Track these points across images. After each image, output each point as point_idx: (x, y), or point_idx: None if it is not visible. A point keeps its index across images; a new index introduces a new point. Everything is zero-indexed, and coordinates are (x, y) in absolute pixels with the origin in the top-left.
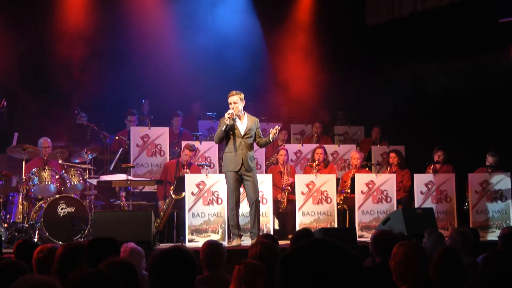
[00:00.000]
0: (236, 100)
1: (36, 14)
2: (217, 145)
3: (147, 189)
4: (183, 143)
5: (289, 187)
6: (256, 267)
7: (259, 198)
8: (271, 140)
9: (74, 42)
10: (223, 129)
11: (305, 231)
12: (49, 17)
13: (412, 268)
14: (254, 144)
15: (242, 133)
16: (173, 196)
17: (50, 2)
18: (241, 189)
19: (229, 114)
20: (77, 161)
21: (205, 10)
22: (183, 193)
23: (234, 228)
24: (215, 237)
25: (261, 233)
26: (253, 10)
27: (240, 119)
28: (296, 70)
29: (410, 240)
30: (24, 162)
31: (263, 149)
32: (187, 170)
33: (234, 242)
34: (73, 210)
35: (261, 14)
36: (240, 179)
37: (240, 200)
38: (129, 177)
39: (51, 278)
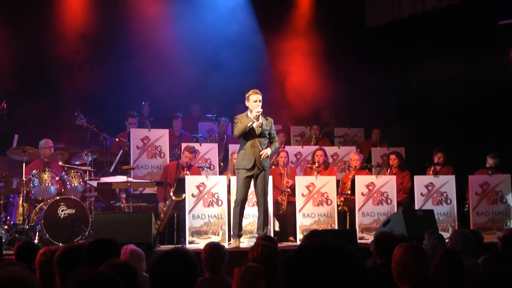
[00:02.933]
0: (260, 99)
1: (36, 16)
2: (217, 147)
3: (147, 191)
4: (183, 145)
5: (288, 189)
6: (255, 270)
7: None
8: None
9: (74, 44)
10: (248, 125)
11: (317, 233)
12: (49, 19)
13: (412, 269)
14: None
15: (257, 133)
16: (173, 197)
17: (50, 4)
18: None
19: (258, 112)
20: (77, 162)
21: (204, 12)
22: (183, 195)
23: (235, 227)
24: (215, 238)
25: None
26: (253, 12)
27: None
28: (295, 71)
29: (410, 242)
30: (24, 164)
31: None
32: (187, 172)
33: (233, 243)
34: (73, 211)
35: (261, 16)
36: (251, 178)
37: (248, 201)
38: (129, 179)
39: (31, 274)
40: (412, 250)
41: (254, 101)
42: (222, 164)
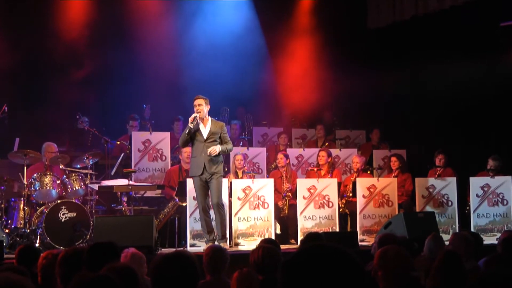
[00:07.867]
0: (201, 103)
1: (37, 18)
2: None
3: (149, 194)
4: None
5: (289, 194)
6: (250, 275)
7: (223, 203)
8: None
9: (75, 47)
10: (186, 132)
11: (315, 235)
12: (50, 22)
13: (393, 272)
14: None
15: (205, 137)
16: (180, 203)
17: (51, 6)
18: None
19: (191, 117)
20: (78, 166)
21: (205, 15)
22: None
23: (205, 233)
24: None
25: (262, 238)
26: (255, 14)
27: (203, 123)
28: (297, 73)
29: (392, 245)
30: (25, 167)
31: (265, 153)
32: None
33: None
34: (74, 215)
35: (262, 18)
36: (205, 184)
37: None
38: (131, 182)
39: (26, 279)
40: (393, 253)
41: (194, 105)
42: (226, 168)
